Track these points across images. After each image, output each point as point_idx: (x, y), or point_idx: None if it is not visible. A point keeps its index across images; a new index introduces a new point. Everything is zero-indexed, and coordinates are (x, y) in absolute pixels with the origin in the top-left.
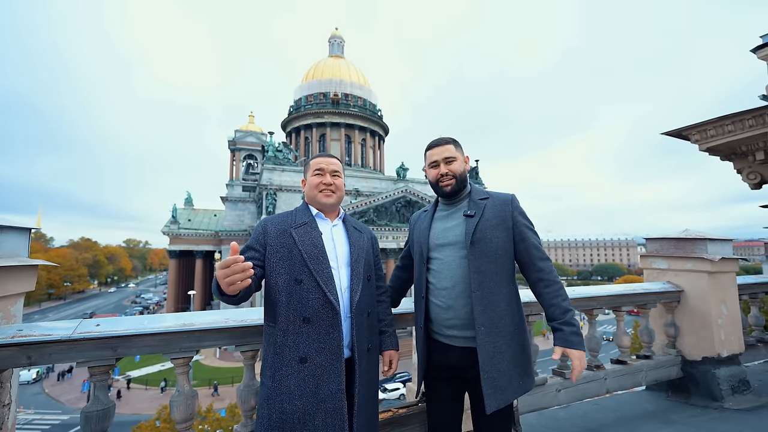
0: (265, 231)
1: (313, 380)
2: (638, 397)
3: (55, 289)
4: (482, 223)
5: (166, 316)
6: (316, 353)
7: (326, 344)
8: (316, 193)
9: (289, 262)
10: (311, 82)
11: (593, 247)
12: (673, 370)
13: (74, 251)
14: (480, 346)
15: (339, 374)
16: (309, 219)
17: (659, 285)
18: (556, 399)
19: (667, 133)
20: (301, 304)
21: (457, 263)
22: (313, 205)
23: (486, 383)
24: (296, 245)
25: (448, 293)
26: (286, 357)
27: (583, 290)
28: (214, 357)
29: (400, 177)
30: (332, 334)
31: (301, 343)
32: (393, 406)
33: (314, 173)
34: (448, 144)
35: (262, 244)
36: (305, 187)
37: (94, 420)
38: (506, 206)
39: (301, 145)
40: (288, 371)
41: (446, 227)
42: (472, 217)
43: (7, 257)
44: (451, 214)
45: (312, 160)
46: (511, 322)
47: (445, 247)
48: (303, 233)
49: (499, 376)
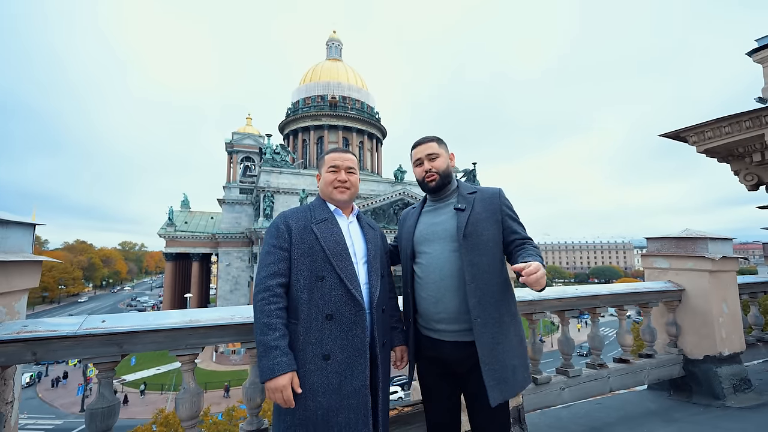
0: (288, 228)
1: (336, 377)
2: (641, 396)
3: (49, 292)
4: (473, 217)
5: (171, 312)
6: (339, 350)
7: (350, 341)
8: (331, 189)
9: (311, 258)
10: (309, 84)
11: (590, 250)
12: (675, 369)
13: (69, 254)
14: (478, 338)
15: (363, 370)
16: (329, 215)
17: (660, 284)
18: (559, 397)
19: (665, 135)
20: (323, 300)
21: (446, 257)
22: (330, 202)
23: (488, 375)
24: (318, 241)
25: (437, 286)
26: (309, 354)
27: (586, 289)
28: (210, 360)
29: (397, 179)
30: (356, 330)
31: (324, 340)
32: (398, 405)
33: (329, 170)
34: (431, 142)
35: (288, 241)
36: (320, 181)
37: (99, 417)
38: (495, 199)
39: (298, 148)
40: (311, 368)
41: (434, 222)
42: (463, 210)
43: (11, 252)
44: (439, 209)
45: (327, 155)
46: (507, 313)
47: (434, 241)
48: (324, 229)
49: (501, 367)
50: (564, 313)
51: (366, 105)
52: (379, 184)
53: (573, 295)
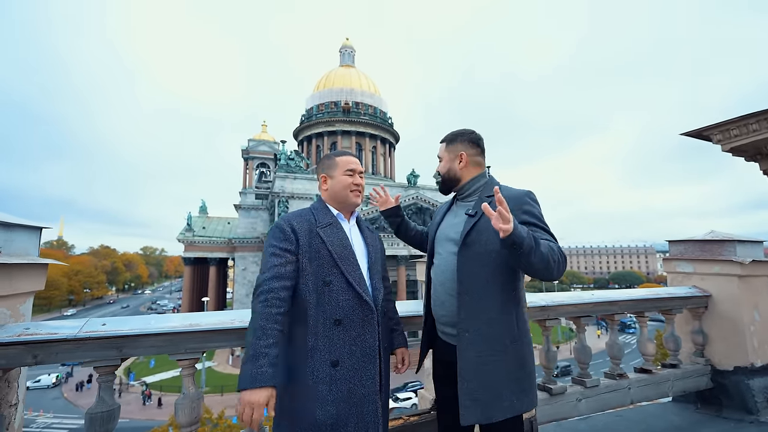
0: (294, 230)
1: (345, 384)
2: (664, 409)
3: (75, 296)
4: (481, 224)
5: (173, 316)
6: (348, 356)
7: (359, 346)
8: (347, 193)
9: (317, 263)
10: (323, 91)
11: (609, 254)
12: (702, 381)
13: (94, 258)
14: (460, 351)
15: (373, 375)
16: (333, 219)
17: (685, 289)
18: (576, 409)
19: (687, 134)
20: (331, 305)
21: (450, 260)
22: (336, 205)
23: (464, 393)
24: (325, 246)
25: (442, 289)
26: (317, 361)
27: (603, 294)
28: (227, 363)
29: (410, 183)
30: (365, 335)
31: (332, 346)
32: (404, 414)
33: (346, 173)
34: (442, 143)
35: (296, 244)
36: (330, 184)
37: (98, 422)
38: (514, 203)
39: (312, 154)
40: (320, 376)
41: (452, 222)
42: (473, 216)
43: (17, 255)
44: (460, 209)
45: (339, 158)
46: (507, 335)
47: (446, 242)
48: (330, 233)
49: (481, 388)
50: (580, 320)
51: (378, 110)
52: (392, 189)
53: (589, 300)
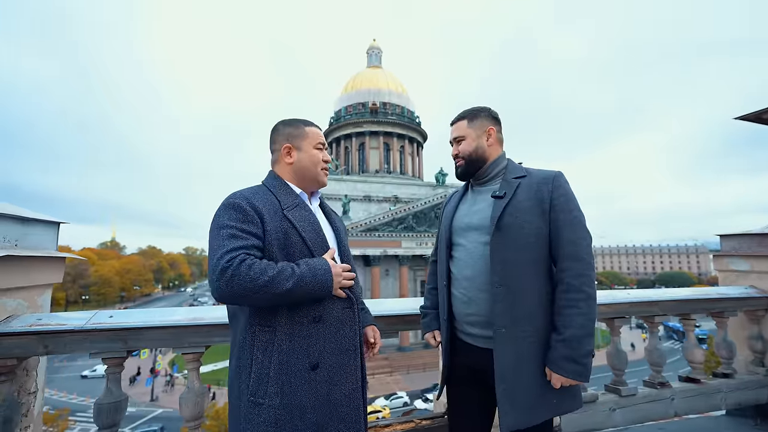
0: (257, 210)
1: (325, 386)
2: (716, 423)
3: (126, 292)
4: (512, 206)
5: (178, 309)
6: (329, 355)
7: (340, 342)
8: (317, 171)
9: (286, 251)
10: (350, 93)
11: (654, 254)
12: (763, 393)
13: (142, 258)
14: (497, 351)
15: (354, 371)
16: (299, 200)
17: (739, 290)
18: (610, 419)
19: (743, 118)
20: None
21: (480, 251)
22: (299, 183)
23: (503, 397)
24: (296, 231)
25: (469, 284)
26: (294, 366)
27: (642, 293)
28: None
29: (438, 182)
30: (344, 329)
31: (311, 347)
32: (416, 417)
33: (317, 146)
34: (461, 120)
35: (260, 227)
36: (297, 157)
37: (106, 413)
38: (545, 185)
39: (341, 155)
40: (297, 383)
41: (472, 210)
42: (501, 198)
43: (34, 248)
44: (479, 194)
45: (309, 128)
46: (545, 327)
47: (469, 231)
48: (300, 216)
49: (522, 390)
50: (614, 322)
51: (406, 110)
52: (420, 188)
53: (624, 300)
